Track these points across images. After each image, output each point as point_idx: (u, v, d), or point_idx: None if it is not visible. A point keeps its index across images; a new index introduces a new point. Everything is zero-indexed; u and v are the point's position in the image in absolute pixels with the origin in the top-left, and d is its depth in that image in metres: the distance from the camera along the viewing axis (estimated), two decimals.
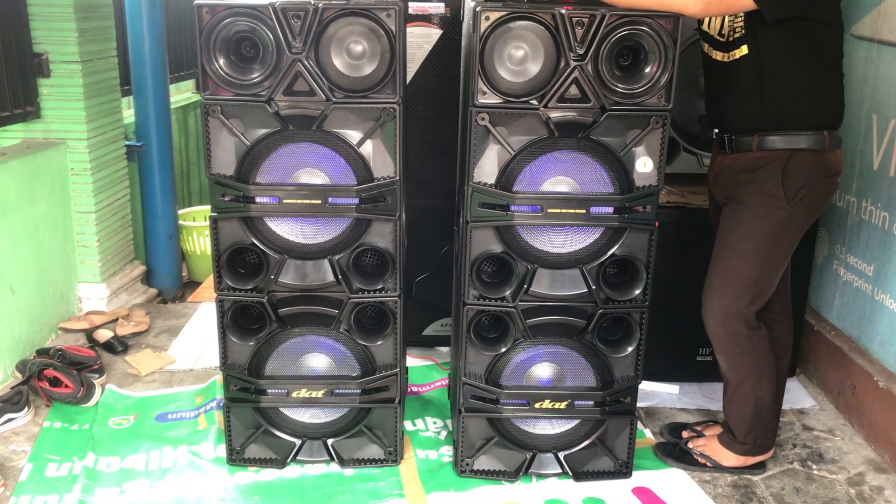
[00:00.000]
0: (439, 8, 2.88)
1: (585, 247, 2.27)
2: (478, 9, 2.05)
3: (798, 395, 2.98)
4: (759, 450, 2.49)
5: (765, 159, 2.25)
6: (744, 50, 2.21)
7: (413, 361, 3.09)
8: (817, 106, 2.22)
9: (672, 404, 2.92)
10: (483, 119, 2.14)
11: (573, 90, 2.11)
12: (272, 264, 2.27)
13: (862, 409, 2.73)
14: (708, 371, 2.94)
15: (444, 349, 3.24)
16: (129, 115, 3.93)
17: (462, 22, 2.51)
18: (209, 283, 4.09)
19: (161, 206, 3.94)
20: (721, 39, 2.26)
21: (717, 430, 2.60)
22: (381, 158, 2.21)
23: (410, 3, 2.87)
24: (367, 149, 2.20)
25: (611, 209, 2.20)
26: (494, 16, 2.05)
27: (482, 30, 2.05)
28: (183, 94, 5.09)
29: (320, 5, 2.05)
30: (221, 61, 2.08)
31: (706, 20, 2.30)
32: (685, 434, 2.65)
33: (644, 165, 2.20)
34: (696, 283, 2.44)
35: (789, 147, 2.22)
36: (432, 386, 2.98)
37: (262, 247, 2.26)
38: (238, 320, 2.34)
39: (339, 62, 2.11)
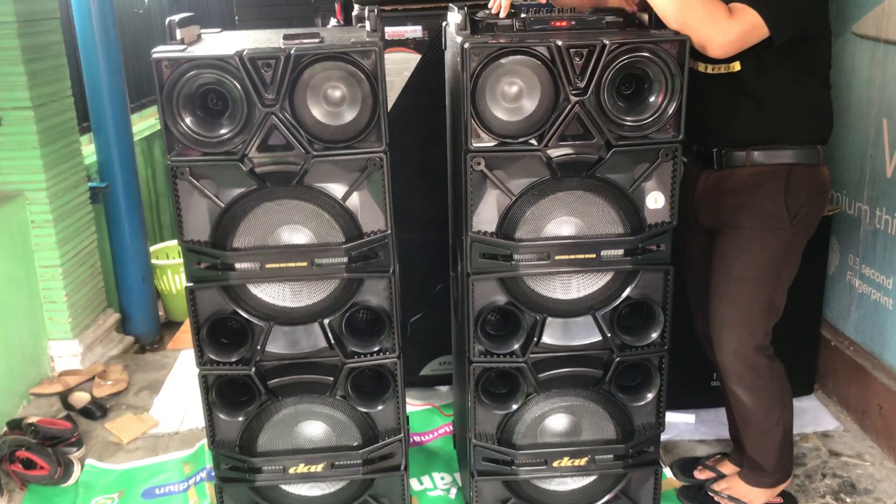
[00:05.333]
0: (417, 32, 2.69)
1: (597, 291, 2.10)
2: (466, 45, 1.86)
3: (819, 416, 2.84)
4: (786, 475, 2.36)
5: (763, 176, 2.09)
6: (736, 65, 2.04)
7: (412, 405, 2.91)
8: (812, 120, 2.10)
9: (689, 435, 2.77)
10: (479, 164, 1.96)
11: (575, 126, 1.93)
12: (257, 333, 2.08)
13: (891, 431, 2.59)
14: (721, 396, 2.80)
15: (444, 388, 3.06)
16: (89, 150, 3.69)
17: (444, 49, 2.32)
18: (189, 325, 3.88)
19: (132, 248, 3.72)
20: None
21: (732, 467, 2.46)
22: (369, 212, 2.02)
23: (386, 29, 2.67)
24: (354, 202, 2.01)
25: (622, 251, 2.03)
26: (484, 52, 1.86)
27: (472, 68, 1.87)
28: (147, 120, 4.85)
29: (292, 51, 1.85)
30: (187, 119, 1.87)
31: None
32: (698, 474, 2.51)
33: (655, 201, 2.03)
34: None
35: (788, 162, 2.08)
36: (435, 434, 2.80)
37: (245, 315, 2.07)
38: (224, 394, 2.15)
39: (317, 111, 1.91)
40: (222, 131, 1.89)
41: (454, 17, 2.09)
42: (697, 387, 2.86)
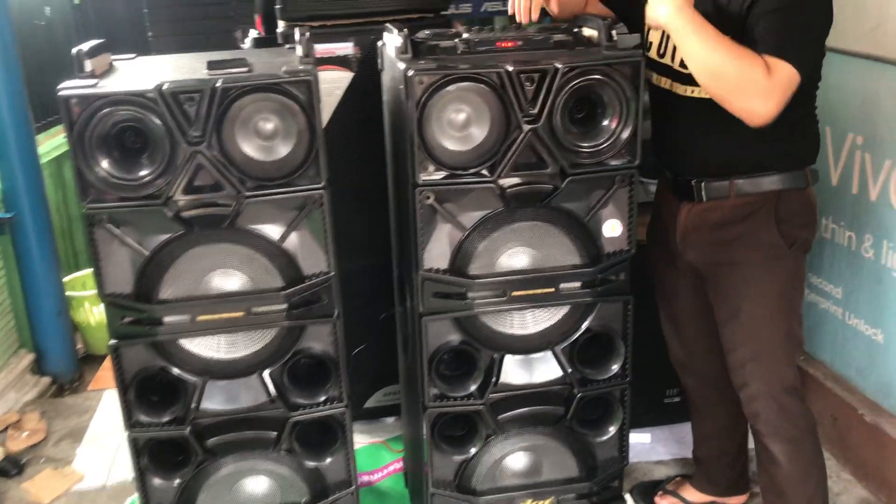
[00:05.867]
0: (348, 49, 2.52)
1: (555, 324, 1.99)
2: (410, 73, 1.72)
3: None
4: None
5: (749, 206, 1.93)
6: None
7: (358, 442, 2.74)
8: (799, 142, 1.95)
9: (646, 457, 2.70)
10: (428, 199, 1.82)
11: (528, 155, 1.81)
12: (191, 389, 1.90)
13: (846, 443, 2.57)
14: (677, 413, 2.75)
15: (391, 420, 2.92)
16: None
17: (380, 70, 2.17)
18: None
19: (44, 282, 3.44)
20: (686, 72, 1.90)
21: (694, 492, 2.41)
22: (309, 253, 1.86)
23: (316, 46, 2.49)
24: (293, 243, 1.85)
25: (580, 283, 1.93)
26: (429, 79, 1.72)
27: (417, 96, 1.73)
28: (54, 139, 4.53)
29: (218, 84, 1.67)
30: (103, 162, 1.68)
31: (657, 47, 2.00)
32: (660, 500, 2.44)
33: (612, 229, 1.93)
34: (657, 321, 2.28)
35: (775, 189, 1.92)
36: (385, 472, 2.66)
37: (176, 371, 1.89)
38: (157, 457, 1.95)
39: (248, 147, 1.74)
40: (142, 173, 1.71)
41: (392, 39, 1.94)
42: (651, 404, 2.79)
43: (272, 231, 1.82)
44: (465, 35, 1.91)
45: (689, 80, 1.87)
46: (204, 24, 3.11)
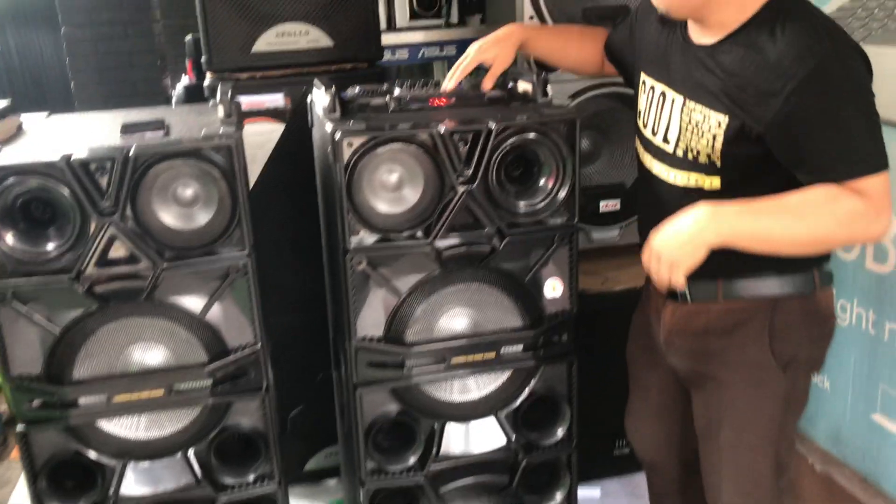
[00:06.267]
0: (278, 101, 2.43)
1: (497, 389, 1.91)
2: (337, 135, 1.64)
3: None
4: None
5: (740, 314, 1.61)
6: (715, 181, 1.53)
7: None
8: None
9: None
10: (360, 264, 1.73)
11: (464, 216, 1.74)
12: (109, 473, 1.77)
13: (797, 492, 2.53)
14: (627, 464, 2.68)
15: (333, 481, 2.79)
16: None
17: (310, 126, 2.09)
18: None
19: None
20: (666, 148, 1.61)
21: None
22: (234, 324, 1.75)
23: (243, 99, 2.40)
24: (216, 315, 1.74)
25: (521, 346, 1.86)
26: (358, 141, 1.65)
27: (345, 160, 1.65)
28: None
29: (131, 152, 1.57)
30: (7, 237, 1.56)
31: (643, 117, 1.69)
32: None
33: (553, 289, 1.86)
34: (608, 373, 2.11)
35: (772, 294, 1.58)
36: None
37: (92, 454, 1.76)
38: None
39: (166, 215, 1.64)
40: (50, 247, 1.59)
41: (320, 97, 1.86)
42: (600, 455, 2.72)
43: (194, 303, 1.71)
44: (396, 92, 1.84)
45: (674, 161, 1.59)
46: (131, 73, 2.99)
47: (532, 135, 1.70)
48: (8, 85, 4.03)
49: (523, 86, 1.89)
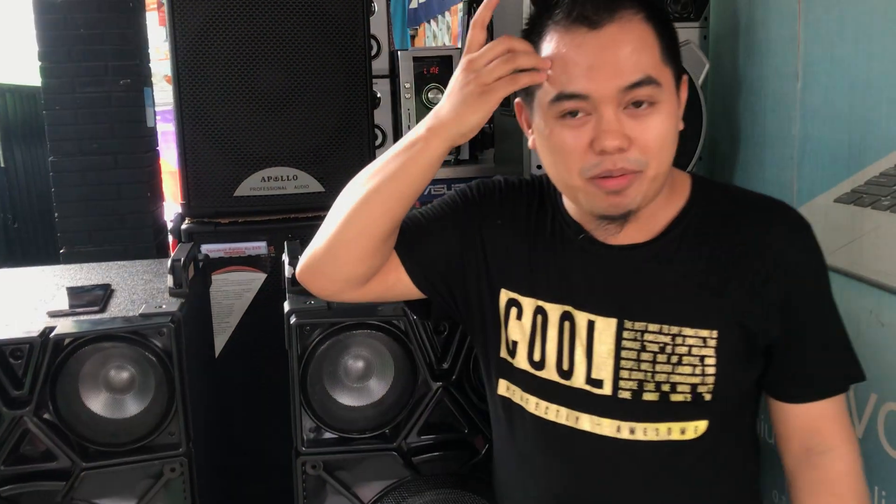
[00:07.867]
0: (261, 248, 2.24)
1: None
2: (293, 320, 1.41)
3: None
4: None
5: None
6: (699, 427, 1.11)
7: None
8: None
9: None
10: (315, 468, 1.48)
11: (439, 414, 1.49)
12: None
13: None
14: None
15: None
16: None
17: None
18: None
19: None
20: (626, 395, 1.12)
21: None
22: None
23: (223, 246, 2.20)
24: None
25: None
26: (317, 326, 1.42)
27: (300, 349, 1.41)
28: None
29: (51, 336, 1.36)
30: None
31: (553, 358, 1.16)
32: None
33: None
34: None
35: None
36: None
37: None
38: None
39: (92, 403, 1.41)
40: None
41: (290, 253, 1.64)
42: None
43: None
44: None
45: (633, 411, 1.12)
46: (120, 234, 2.78)
47: None
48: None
49: None
